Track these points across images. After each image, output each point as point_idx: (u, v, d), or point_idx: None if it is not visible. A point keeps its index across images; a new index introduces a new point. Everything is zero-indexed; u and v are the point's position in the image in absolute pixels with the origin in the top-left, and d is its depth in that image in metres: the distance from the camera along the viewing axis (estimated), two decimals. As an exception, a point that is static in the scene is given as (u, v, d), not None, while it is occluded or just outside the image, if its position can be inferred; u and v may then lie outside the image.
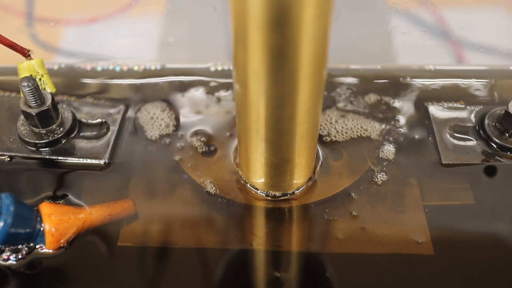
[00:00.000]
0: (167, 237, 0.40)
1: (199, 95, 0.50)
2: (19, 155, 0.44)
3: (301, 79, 0.30)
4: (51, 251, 0.38)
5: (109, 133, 0.46)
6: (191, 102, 0.50)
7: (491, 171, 0.44)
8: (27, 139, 0.44)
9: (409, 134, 0.47)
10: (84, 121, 0.47)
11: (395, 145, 0.46)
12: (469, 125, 0.47)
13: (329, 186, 0.43)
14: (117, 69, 0.53)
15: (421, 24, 0.55)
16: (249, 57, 0.29)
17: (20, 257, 0.38)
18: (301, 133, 0.35)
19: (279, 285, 0.38)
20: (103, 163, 0.44)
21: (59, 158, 0.44)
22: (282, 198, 0.42)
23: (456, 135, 0.46)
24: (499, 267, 0.39)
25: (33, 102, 0.42)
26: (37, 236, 0.38)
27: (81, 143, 0.45)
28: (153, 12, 0.55)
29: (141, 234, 0.41)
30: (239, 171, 0.43)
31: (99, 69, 0.53)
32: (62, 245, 0.39)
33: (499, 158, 0.45)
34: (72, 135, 0.46)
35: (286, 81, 0.30)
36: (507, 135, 0.45)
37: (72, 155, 0.44)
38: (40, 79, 0.44)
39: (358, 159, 0.45)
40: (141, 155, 0.45)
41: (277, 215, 0.42)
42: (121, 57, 0.54)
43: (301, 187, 0.43)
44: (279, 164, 0.38)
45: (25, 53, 0.43)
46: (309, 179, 0.43)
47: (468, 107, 0.48)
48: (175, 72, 0.52)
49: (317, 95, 0.33)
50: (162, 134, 0.47)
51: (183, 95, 0.50)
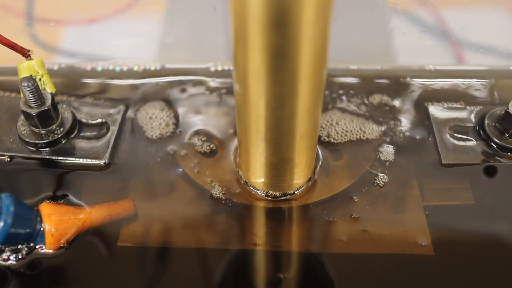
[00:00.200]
0: (167, 237, 0.40)
1: (199, 95, 0.50)
2: (19, 155, 0.44)
3: (301, 79, 0.30)
4: (51, 251, 0.38)
5: (109, 133, 0.46)
6: (191, 102, 0.50)
7: (491, 171, 0.44)
8: (27, 139, 0.44)
9: (409, 134, 0.47)
10: (84, 121, 0.47)
11: (395, 145, 0.46)
12: (469, 125, 0.47)
13: (329, 186, 0.43)
14: (117, 69, 0.53)
15: (421, 24, 0.55)
16: (249, 57, 0.29)
17: (20, 257, 0.38)
18: (301, 133, 0.35)
19: (279, 285, 0.38)
20: (103, 163, 0.44)
21: (59, 158, 0.44)
22: (282, 198, 0.42)
23: (456, 135, 0.46)
24: (499, 267, 0.39)
25: (33, 102, 0.42)
26: (37, 236, 0.38)
27: (81, 143, 0.45)
28: (153, 12, 0.55)
29: (141, 234, 0.41)
30: (239, 171, 0.43)
31: (99, 69, 0.53)
32: (62, 245, 0.39)
33: (499, 158, 0.45)
34: (72, 135, 0.46)
35: (286, 81, 0.30)
36: (507, 135, 0.45)
37: (72, 155, 0.44)
38: (40, 79, 0.44)
39: (358, 159, 0.45)
40: (141, 155, 0.45)
41: (277, 215, 0.42)
42: (121, 57, 0.54)
43: (301, 187, 0.43)
44: (279, 164, 0.38)
45: (25, 53, 0.43)
46: (309, 180, 0.43)
47: (468, 107, 0.48)
48: (175, 72, 0.52)
49: (317, 95, 0.33)
50: (162, 134, 0.47)
51: (183, 95, 0.50)
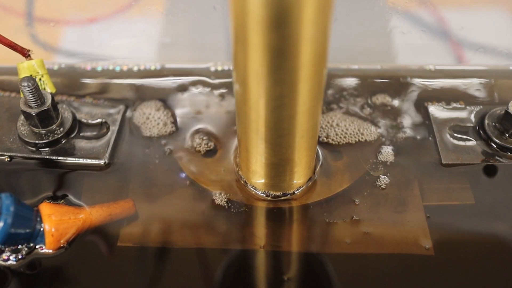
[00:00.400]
0: (166, 237, 0.40)
1: (199, 95, 0.50)
2: (19, 155, 0.44)
3: (301, 79, 0.30)
4: (51, 251, 0.38)
5: (109, 133, 0.46)
6: (191, 102, 0.50)
7: (491, 171, 0.44)
8: (27, 139, 0.44)
9: (409, 134, 0.47)
10: (84, 121, 0.47)
11: (395, 145, 0.46)
12: (469, 125, 0.47)
13: (329, 186, 0.43)
14: (117, 69, 0.53)
15: (421, 24, 0.55)
16: (249, 57, 0.29)
17: (20, 257, 0.38)
18: (301, 133, 0.35)
19: (279, 285, 0.38)
20: (103, 163, 0.44)
21: (59, 158, 0.44)
22: (282, 198, 0.42)
23: (456, 135, 0.46)
24: (499, 267, 0.39)
25: (33, 102, 0.42)
26: (37, 236, 0.38)
27: (81, 143, 0.45)
28: (153, 12, 0.55)
29: (141, 234, 0.41)
30: (239, 171, 0.43)
31: (99, 69, 0.53)
32: (62, 245, 0.39)
33: (499, 158, 0.45)
34: (72, 135, 0.46)
35: (286, 81, 0.30)
36: (507, 135, 0.45)
37: (72, 155, 0.44)
38: (40, 79, 0.44)
39: (357, 159, 0.45)
40: (141, 155, 0.45)
41: (277, 215, 0.42)
42: (121, 57, 0.54)
43: (301, 187, 0.43)
44: (279, 164, 0.38)
45: (25, 53, 0.43)
46: (309, 179, 0.43)
47: (468, 107, 0.48)
48: (175, 72, 0.52)
49: (317, 95, 0.33)
50: (162, 134, 0.47)
51: (183, 95, 0.50)
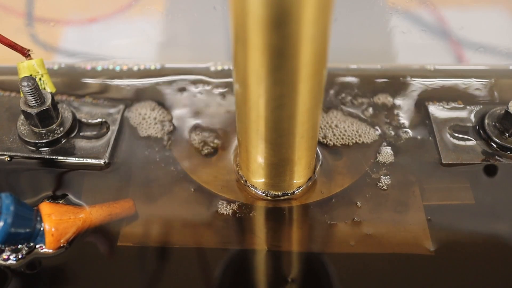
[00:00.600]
0: (166, 237, 0.40)
1: (199, 95, 0.50)
2: (19, 155, 0.44)
3: (301, 79, 0.30)
4: (51, 251, 0.38)
5: (109, 133, 0.46)
6: (191, 102, 0.50)
7: (491, 171, 0.44)
8: (27, 139, 0.44)
9: (409, 133, 0.47)
10: (84, 121, 0.47)
11: (395, 145, 0.46)
12: (469, 125, 0.47)
13: (329, 186, 0.43)
14: (117, 69, 0.53)
15: (420, 23, 0.55)
16: (249, 57, 0.29)
17: (20, 257, 0.38)
18: (301, 133, 0.35)
19: (278, 284, 0.38)
20: (103, 163, 0.44)
21: (59, 158, 0.44)
22: (282, 198, 0.42)
23: (456, 135, 0.46)
24: (499, 267, 0.39)
25: (33, 102, 0.42)
26: (37, 236, 0.38)
27: (81, 143, 0.45)
28: (153, 12, 0.55)
29: (141, 234, 0.41)
30: (239, 171, 0.43)
31: (99, 69, 0.53)
32: (62, 245, 0.39)
33: (499, 158, 0.45)
34: (72, 135, 0.46)
35: (286, 81, 0.30)
36: (507, 135, 0.45)
37: (72, 155, 0.44)
38: (40, 79, 0.44)
39: (358, 159, 0.45)
40: (140, 154, 0.45)
41: (277, 215, 0.42)
42: (121, 57, 0.54)
43: (301, 187, 0.43)
44: (279, 164, 0.38)
45: (25, 53, 0.43)
46: (309, 179, 0.43)
47: (468, 107, 0.48)
48: (175, 72, 0.52)
49: (317, 95, 0.33)
50: (161, 133, 0.47)
51: (183, 95, 0.50)
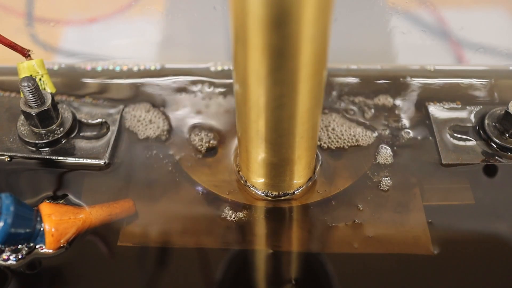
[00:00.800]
0: (166, 237, 0.40)
1: (199, 95, 0.50)
2: (19, 155, 0.44)
3: (301, 79, 0.30)
4: (51, 251, 0.38)
5: (109, 133, 0.46)
6: (191, 102, 0.50)
7: (491, 171, 0.44)
8: (27, 139, 0.44)
9: (409, 134, 0.47)
10: (84, 121, 0.47)
11: (395, 145, 0.46)
12: (469, 125, 0.47)
13: (329, 186, 0.43)
14: (117, 69, 0.53)
15: (420, 24, 0.55)
16: (249, 57, 0.29)
17: (20, 257, 0.38)
18: (301, 133, 0.35)
19: (278, 284, 0.38)
20: (103, 163, 0.44)
21: (59, 158, 0.44)
22: (282, 198, 0.42)
23: (456, 135, 0.46)
24: (499, 267, 0.39)
25: (33, 102, 0.42)
26: (37, 236, 0.38)
27: (81, 143, 0.45)
28: (153, 12, 0.55)
29: (141, 234, 0.41)
30: (239, 171, 0.43)
31: (99, 69, 0.53)
32: (62, 245, 0.39)
33: (499, 158, 0.45)
34: (72, 135, 0.46)
35: (286, 81, 0.30)
36: (507, 135, 0.45)
37: (72, 155, 0.44)
38: (40, 79, 0.44)
39: (358, 159, 0.45)
40: (141, 155, 0.45)
41: (277, 215, 0.42)
42: (121, 57, 0.54)
43: (301, 187, 0.43)
44: (279, 164, 0.38)
45: (25, 53, 0.43)
46: (309, 179, 0.43)
47: (468, 107, 0.48)
48: (175, 72, 0.52)
49: (317, 95, 0.33)
50: (161, 134, 0.47)
51: (182, 95, 0.50)
